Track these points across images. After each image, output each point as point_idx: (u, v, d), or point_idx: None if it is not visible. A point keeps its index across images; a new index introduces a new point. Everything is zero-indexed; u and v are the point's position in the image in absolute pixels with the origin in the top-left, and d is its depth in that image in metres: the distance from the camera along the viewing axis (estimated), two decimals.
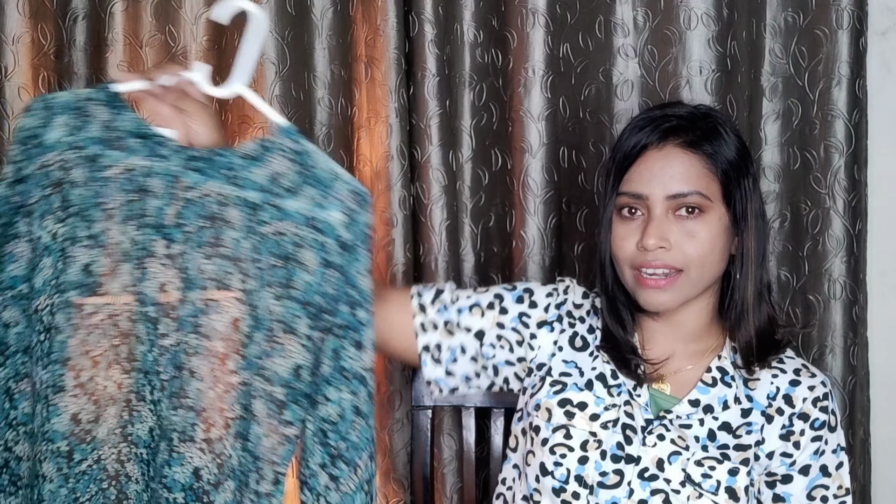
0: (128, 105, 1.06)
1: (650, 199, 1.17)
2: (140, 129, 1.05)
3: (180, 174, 1.04)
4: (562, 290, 1.31)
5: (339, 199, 1.04)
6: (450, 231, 1.69)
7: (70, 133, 1.05)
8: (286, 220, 1.03)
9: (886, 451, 1.69)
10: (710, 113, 1.24)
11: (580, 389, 1.23)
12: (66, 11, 1.74)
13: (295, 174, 1.04)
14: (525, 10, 1.65)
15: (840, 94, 1.60)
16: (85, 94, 1.07)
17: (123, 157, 1.05)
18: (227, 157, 1.05)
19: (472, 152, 1.70)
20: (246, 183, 1.03)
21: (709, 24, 1.60)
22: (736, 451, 1.19)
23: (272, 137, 1.05)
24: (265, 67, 1.67)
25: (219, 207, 1.03)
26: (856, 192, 1.61)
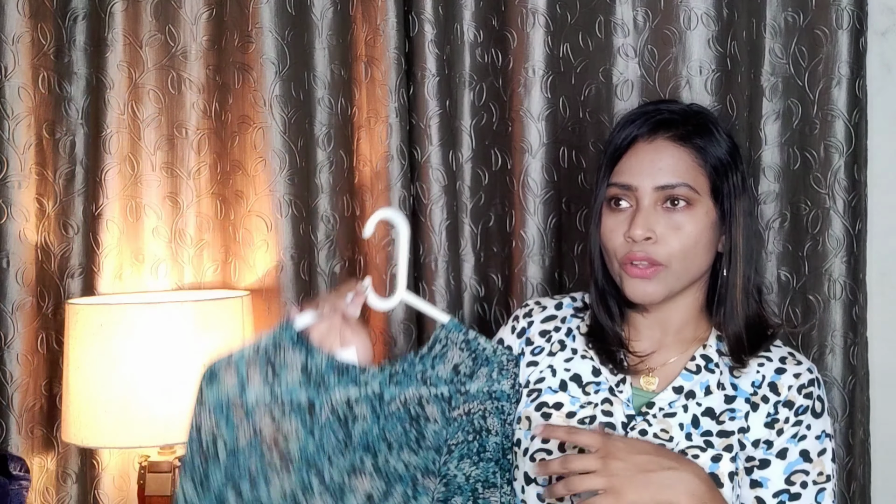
0: (310, 344, 1.10)
1: (639, 191, 1.18)
2: (334, 365, 1.11)
3: (385, 392, 1.14)
4: (522, 315, 1.32)
5: (506, 369, 1.20)
6: (450, 231, 1.69)
7: (270, 389, 1.08)
8: (471, 401, 1.18)
9: (886, 451, 1.69)
10: (703, 111, 1.25)
11: (554, 391, 1.24)
12: (66, 11, 1.74)
13: (470, 360, 1.18)
14: (525, 10, 1.65)
15: (840, 94, 1.60)
16: (266, 343, 1.09)
17: (329, 395, 1.10)
18: (418, 365, 1.16)
19: (472, 152, 1.70)
20: (437, 381, 1.17)
21: (709, 24, 1.60)
22: (719, 437, 1.18)
23: (443, 334, 1.17)
24: (265, 67, 1.68)
25: (419, 408, 1.15)
26: (856, 192, 1.61)
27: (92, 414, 1.53)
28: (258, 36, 1.68)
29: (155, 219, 1.76)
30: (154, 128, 1.76)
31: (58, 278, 1.76)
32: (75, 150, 1.76)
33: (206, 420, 1.06)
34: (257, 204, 1.72)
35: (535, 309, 1.33)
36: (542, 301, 1.35)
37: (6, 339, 1.73)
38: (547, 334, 1.30)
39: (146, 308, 1.54)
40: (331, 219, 1.71)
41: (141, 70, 1.74)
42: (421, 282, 1.71)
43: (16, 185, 1.74)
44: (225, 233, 1.76)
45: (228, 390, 1.07)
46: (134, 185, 1.76)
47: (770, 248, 1.65)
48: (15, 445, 1.73)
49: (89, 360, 1.54)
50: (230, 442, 1.06)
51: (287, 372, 1.09)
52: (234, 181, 1.74)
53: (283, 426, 1.08)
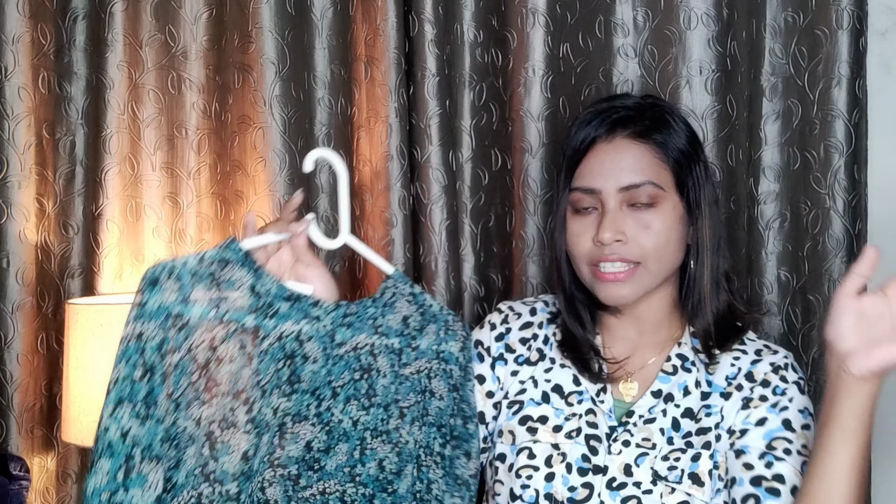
0: (259, 265, 1.01)
1: (603, 193, 1.16)
2: (285, 293, 1.02)
3: (335, 333, 1.05)
4: (499, 321, 1.30)
5: (452, 329, 1.16)
6: (450, 231, 1.69)
7: (214, 306, 0.98)
8: (421, 358, 1.12)
9: (886, 452, 1.69)
10: (658, 102, 1.23)
11: (537, 404, 1.21)
12: (66, 11, 1.74)
13: (418, 315, 1.13)
14: (525, 10, 1.64)
15: (840, 94, 1.60)
16: (211, 255, 0.99)
17: (278, 323, 1.01)
18: (370, 308, 1.09)
19: (472, 152, 1.70)
20: (387, 331, 1.10)
21: (709, 24, 1.60)
22: (698, 435, 1.17)
23: (391, 284, 1.12)
24: (265, 67, 1.68)
25: (371, 358, 1.08)
26: (856, 192, 1.61)
27: (92, 414, 1.53)
28: (258, 36, 1.68)
29: (155, 219, 1.76)
30: (154, 128, 1.76)
31: (58, 278, 1.76)
32: (75, 150, 1.76)
33: (149, 328, 0.94)
34: (257, 204, 1.72)
35: (510, 315, 1.30)
36: (514, 306, 1.32)
37: (6, 339, 1.73)
38: (526, 342, 1.27)
39: None
40: (331, 219, 1.71)
41: (141, 70, 1.74)
42: (421, 282, 1.71)
43: (16, 185, 1.74)
44: (225, 233, 1.76)
45: (171, 299, 0.95)
46: (134, 185, 1.76)
47: (770, 248, 1.65)
48: (15, 445, 1.73)
49: (89, 360, 1.54)
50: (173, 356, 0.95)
51: (233, 290, 0.98)
52: (234, 181, 1.74)
53: (220, 349, 0.97)
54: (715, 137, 1.60)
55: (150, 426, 0.93)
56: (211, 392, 0.96)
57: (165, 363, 0.94)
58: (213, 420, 0.96)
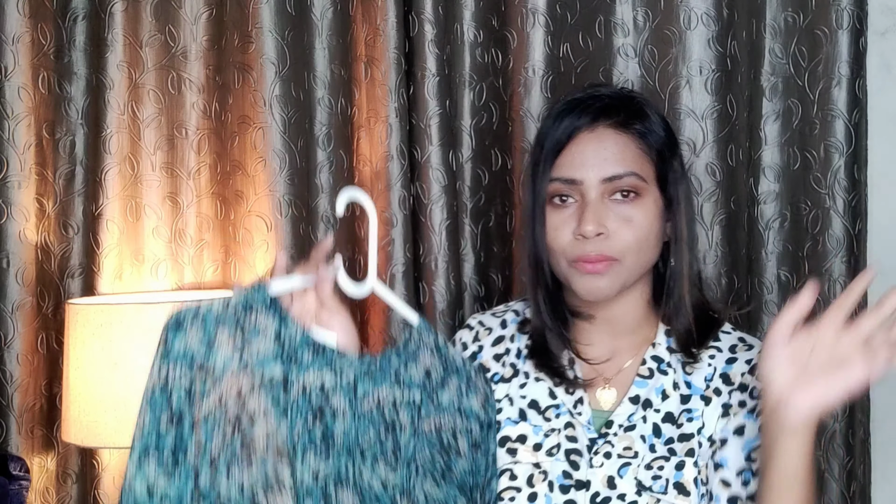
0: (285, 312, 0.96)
1: (584, 184, 1.12)
2: (308, 340, 0.97)
3: (357, 385, 1.01)
4: (470, 340, 1.26)
5: (475, 384, 1.12)
6: (450, 231, 1.69)
7: (239, 355, 0.91)
8: (442, 414, 1.08)
9: (886, 451, 1.69)
10: (633, 94, 1.20)
11: (515, 422, 1.17)
12: (66, 11, 1.74)
13: (441, 367, 1.09)
14: (525, 10, 1.64)
15: (840, 94, 1.60)
16: (238, 300, 0.93)
17: (300, 373, 0.96)
18: (394, 360, 1.05)
19: (472, 152, 1.70)
20: (410, 383, 1.05)
21: (709, 24, 1.60)
22: (680, 442, 1.13)
23: (415, 335, 1.07)
24: (265, 67, 1.68)
25: (394, 413, 1.03)
26: (856, 192, 1.61)
27: (92, 414, 1.53)
28: (258, 36, 1.68)
29: (155, 219, 1.76)
30: (154, 128, 1.75)
31: (58, 278, 1.76)
32: (75, 150, 1.76)
33: (175, 374, 0.87)
34: (257, 204, 1.72)
35: (481, 331, 1.26)
36: (484, 321, 1.28)
37: (6, 339, 1.73)
38: (499, 359, 1.23)
39: (146, 308, 1.54)
40: (331, 219, 1.71)
41: (141, 70, 1.74)
42: (421, 282, 1.71)
43: (16, 185, 1.74)
44: (225, 233, 1.76)
45: (195, 344, 0.89)
46: (134, 185, 1.76)
47: (770, 248, 1.65)
48: (15, 445, 1.73)
49: (89, 360, 1.54)
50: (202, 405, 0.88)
51: (258, 338, 0.93)
52: (234, 181, 1.74)
53: (250, 404, 0.90)
54: (715, 137, 1.60)
55: (179, 481, 0.86)
56: (248, 450, 0.89)
57: (195, 410, 0.88)
58: (255, 483, 0.89)
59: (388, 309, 1.69)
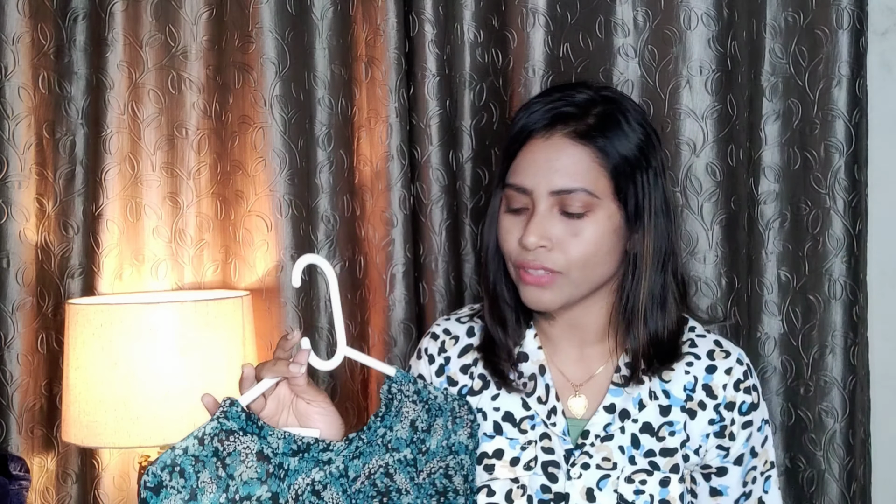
0: (262, 422, 0.96)
1: (534, 194, 1.08)
2: (292, 445, 0.97)
3: (348, 469, 1.01)
4: (436, 351, 1.23)
5: (459, 416, 1.12)
6: (450, 231, 1.69)
7: (223, 488, 0.92)
8: (432, 460, 1.09)
9: (886, 451, 1.69)
10: (613, 98, 1.13)
11: (490, 437, 1.15)
12: (66, 11, 1.74)
13: (424, 413, 1.09)
14: (525, 10, 1.64)
15: (840, 94, 1.60)
16: (211, 430, 0.92)
17: (291, 482, 0.96)
18: (380, 428, 1.05)
19: (472, 152, 1.70)
20: (398, 444, 1.06)
21: (709, 24, 1.60)
22: (663, 456, 1.12)
23: (393, 388, 1.07)
24: (265, 67, 1.68)
25: (387, 479, 1.05)
26: (856, 192, 1.61)
27: (92, 414, 1.53)
28: (258, 36, 1.68)
29: (155, 219, 1.76)
30: (154, 128, 1.75)
31: (58, 278, 1.76)
32: (75, 150, 1.76)
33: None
34: (257, 204, 1.71)
35: (447, 341, 1.23)
36: (450, 328, 1.24)
37: (6, 339, 1.73)
38: (467, 370, 1.20)
39: (146, 308, 1.54)
40: (331, 219, 1.71)
41: (141, 70, 1.74)
42: (421, 282, 1.71)
43: (16, 185, 1.74)
44: (225, 233, 1.76)
45: (178, 502, 0.89)
46: (134, 185, 1.76)
47: (770, 248, 1.65)
48: (15, 445, 1.73)
49: (89, 360, 1.54)
50: None
51: (239, 464, 0.93)
52: (234, 181, 1.74)
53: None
54: (715, 137, 1.60)
55: None
56: None
57: None
58: None
59: (389, 309, 1.69)
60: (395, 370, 1.07)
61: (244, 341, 1.63)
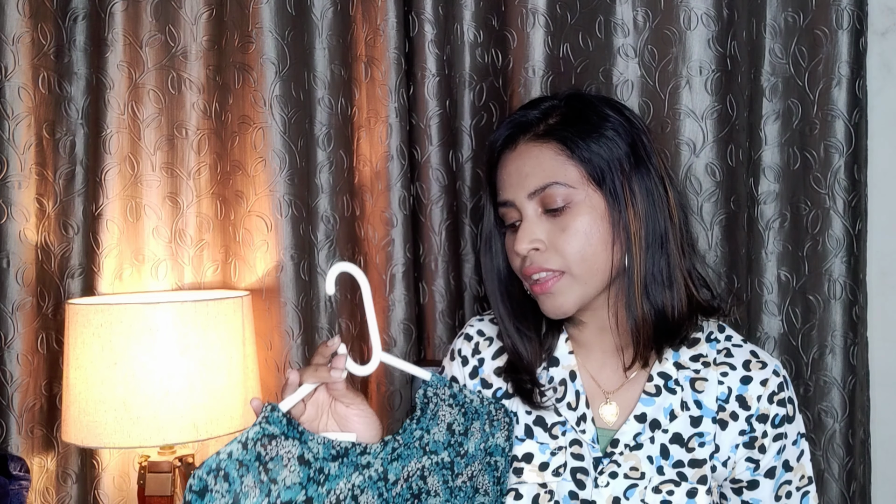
0: (302, 427, 0.98)
1: (516, 203, 1.11)
2: (331, 450, 0.99)
3: (388, 472, 1.03)
4: (470, 352, 1.24)
5: (497, 419, 1.14)
6: (450, 231, 1.69)
7: (266, 493, 0.93)
8: (472, 463, 1.11)
9: (886, 451, 1.69)
10: (578, 96, 1.15)
11: (521, 440, 1.16)
12: (66, 11, 1.74)
13: (461, 416, 1.10)
14: (525, 10, 1.65)
15: (840, 94, 1.60)
16: (254, 434, 0.94)
17: (331, 488, 0.98)
18: (416, 431, 1.06)
19: (472, 152, 1.70)
20: (435, 447, 1.08)
21: (709, 24, 1.60)
22: (691, 467, 1.12)
23: (429, 391, 1.08)
24: (265, 67, 1.68)
25: (421, 482, 1.06)
26: (856, 192, 1.61)
27: (92, 414, 1.53)
28: (258, 36, 1.68)
29: (155, 219, 1.76)
30: (154, 128, 1.76)
31: (58, 278, 1.76)
32: (75, 150, 1.76)
33: None
34: (257, 204, 1.72)
35: (481, 342, 1.24)
36: (483, 329, 1.25)
37: (6, 339, 1.73)
38: (501, 373, 1.21)
39: (146, 308, 1.54)
40: (331, 219, 1.71)
41: (141, 70, 1.74)
42: (421, 282, 1.71)
43: (16, 185, 1.74)
44: (225, 233, 1.76)
45: None
46: (134, 185, 1.76)
47: (770, 248, 1.65)
48: (15, 445, 1.73)
49: (89, 360, 1.54)
50: None
51: (282, 468, 0.95)
52: (234, 181, 1.74)
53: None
54: (715, 137, 1.60)
55: None
56: None
57: None
58: None
59: (389, 309, 1.69)
60: (430, 374, 1.09)
61: (244, 341, 1.63)
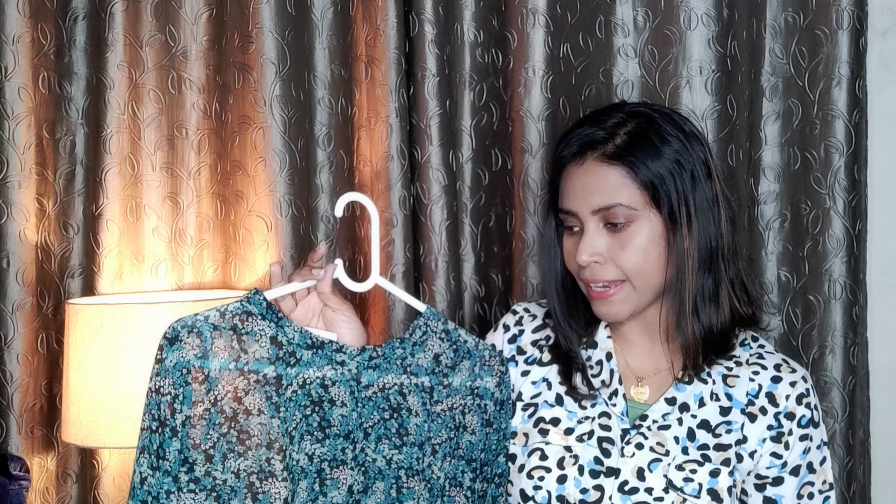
0: (284, 315, 1.05)
1: (579, 215, 1.17)
2: (307, 340, 1.05)
3: (361, 376, 1.07)
4: (512, 323, 1.30)
5: (489, 365, 1.18)
6: (450, 231, 1.69)
7: (234, 358, 1.01)
8: (454, 395, 1.14)
9: (886, 451, 1.69)
10: (643, 113, 1.19)
11: (550, 406, 1.22)
12: (66, 11, 1.74)
13: (451, 352, 1.15)
14: (525, 10, 1.64)
15: (840, 94, 1.60)
16: (233, 308, 1.02)
17: (301, 371, 1.04)
18: (398, 349, 1.11)
19: (472, 152, 1.70)
20: (417, 370, 1.12)
21: (709, 24, 1.60)
22: (716, 451, 1.16)
23: (422, 322, 1.13)
24: (265, 67, 1.68)
25: (400, 398, 1.10)
26: (856, 192, 1.61)
27: (92, 414, 1.53)
28: (258, 36, 1.68)
29: (155, 219, 1.76)
30: (154, 128, 1.75)
31: (58, 278, 1.76)
32: (75, 150, 1.76)
33: (165, 384, 0.99)
34: (257, 204, 1.71)
35: (525, 317, 1.31)
36: (530, 308, 1.32)
37: (6, 339, 1.73)
38: (538, 343, 1.28)
39: (146, 308, 1.54)
40: (331, 219, 1.71)
41: (141, 70, 1.74)
42: (421, 282, 1.71)
43: (16, 185, 1.74)
44: (225, 233, 1.76)
45: (190, 355, 0.99)
46: (134, 185, 1.76)
47: (770, 248, 1.65)
48: (15, 445, 1.73)
49: (89, 360, 1.54)
50: (187, 411, 0.99)
51: (254, 341, 1.01)
52: (235, 181, 1.74)
53: (245, 400, 1.00)
54: (715, 137, 1.60)
55: (158, 477, 0.98)
56: (244, 444, 1.00)
57: (179, 419, 0.99)
58: (252, 472, 1.01)
59: (389, 309, 1.69)
60: (426, 307, 1.14)
61: None
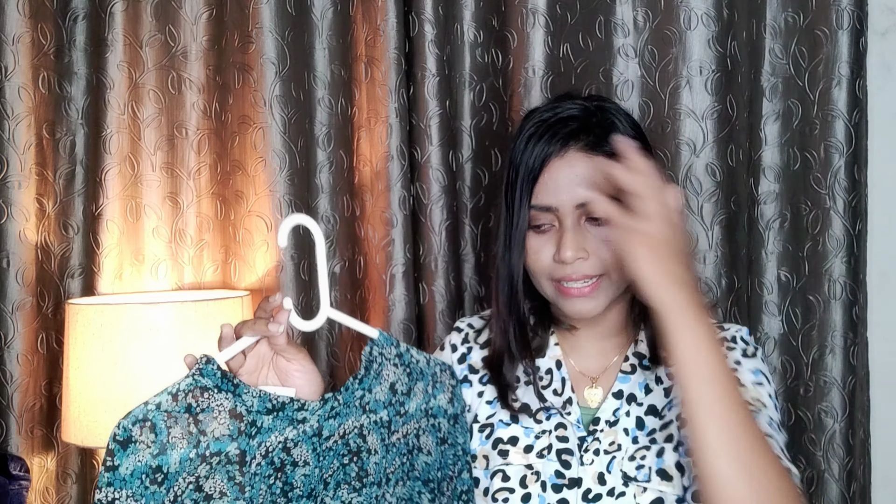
0: (239, 380, 0.96)
1: (560, 210, 1.13)
2: (267, 404, 0.97)
3: (323, 429, 1.02)
4: (459, 342, 1.28)
5: (440, 381, 1.14)
6: (450, 231, 1.69)
7: (195, 444, 0.92)
8: (409, 422, 1.10)
9: (886, 451, 1.69)
10: (602, 105, 1.18)
11: (507, 424, 1.20)
12: (66, 11, 1.74)
13: (405, 376, 1.10)
14: (525, 10, 1.64)
15: (840, 94, 1.60)
16: (185, 385, 0.92)
17: (263, 440, 0.97)
18: (357, 391, 1.05)
19: (472, 152, 1.70)
20: (375, 406, 1.07)
21: (709, 24, 1.60)
22: (661, 430, 1.16)
23: (374, 350, 1.07)
24: (265, 67, 1.68)
25: (359, 440, 1.05)
26: (856, 192, 1.61)
27: (92, 414, 1.53)
28: (258, 36, 1.68)
29: (155, 219, 1.76)
30: (154, 128, 1.75)
31: (58, 278, 1.76)
32: (75, 150, 1.76)
33: (122, 496, 0.87)
34: (257, 204, 1.72)
35: (470, 333, 1.29)
36: (473, 323, 1.31)
37: (6, 339, 1.73)
38: (485, 362, 1.25)
39: (146, 308, 1.54)
40: (331, 219, 1.71)
41: (141, 70, 1.74)
42: (421, 282, 1.71)
43: (16, 185, 1.74)
44: (225, 233, 1.76)
45: (146, 456, 0.88)
46: (134, 185, 1.76)
47: (770, 248, 1.65)
48: (15, 445, 1.73)
49: (89, 360, 1.54)
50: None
51: (213, 418, 0.93)
52: (234, 181, 1.74)
53: (206, 487, 0.92)
54: (715, 137, 1.60)
55: None
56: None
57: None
58: None
59: (389, 309, 1.69)
60: (378, 333, 1.08)
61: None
